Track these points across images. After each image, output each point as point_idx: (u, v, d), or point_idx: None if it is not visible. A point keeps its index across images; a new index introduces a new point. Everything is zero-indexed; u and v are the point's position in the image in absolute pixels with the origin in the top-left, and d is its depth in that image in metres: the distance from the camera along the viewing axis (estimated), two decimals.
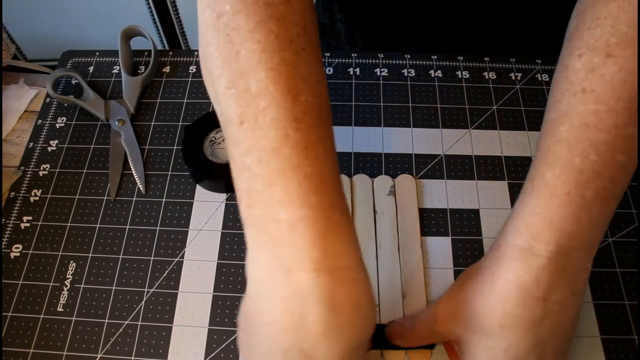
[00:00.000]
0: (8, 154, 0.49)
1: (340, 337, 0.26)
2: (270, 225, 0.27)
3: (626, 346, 0.38)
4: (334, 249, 0.26)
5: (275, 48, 0.27)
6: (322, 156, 0.27)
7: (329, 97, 0.30)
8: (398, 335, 0.37)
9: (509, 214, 0.31)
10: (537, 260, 0.28)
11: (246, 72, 0.28)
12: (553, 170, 0.29)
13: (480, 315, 0.30)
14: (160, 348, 0.39)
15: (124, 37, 0.52)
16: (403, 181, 0.45)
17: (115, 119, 0.49)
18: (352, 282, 0.27)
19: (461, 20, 0.58)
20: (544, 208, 0.28)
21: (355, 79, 0.52)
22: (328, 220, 0.26)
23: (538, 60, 0.53)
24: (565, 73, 0.31)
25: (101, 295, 0.41)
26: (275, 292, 0.27)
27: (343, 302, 0.26)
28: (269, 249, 0.27)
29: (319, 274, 0.26)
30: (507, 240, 0.30)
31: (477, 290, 0.30)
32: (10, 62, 0.63)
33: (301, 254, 0.26)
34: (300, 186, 0.26)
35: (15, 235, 0.44)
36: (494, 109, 0.50)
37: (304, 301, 0.26)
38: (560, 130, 0.29)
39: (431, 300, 0.40)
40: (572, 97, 0.29)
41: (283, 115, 0.27)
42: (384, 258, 0.42)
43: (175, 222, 0.44)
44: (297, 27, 0.29)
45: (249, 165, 0.27)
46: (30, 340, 0.39)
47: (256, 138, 0.27)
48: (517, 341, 0.29)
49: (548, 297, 0.28)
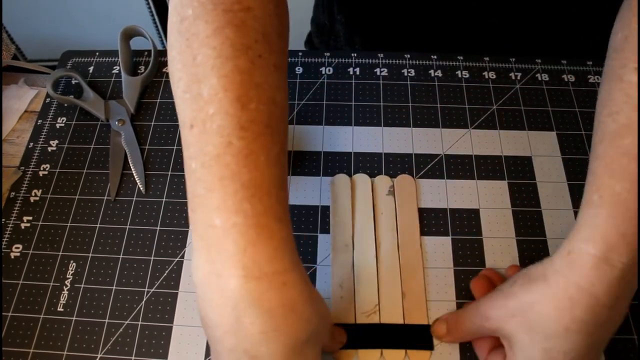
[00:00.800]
0: (8, 154, 0.49)
1: (278, 338, 0.28)
2: (207, 231, 0.28)
3: (626, 346, 0.38)
4: (263, 256, 0.27)
5: (229, 55, 0.28)
6: (263, 164, 0.28)
7: (286, 103, 0.31)
8: (444, 332, 0.38)
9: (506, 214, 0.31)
10: (612, 271, 0.29)
11: (200, 78, 0.28)
12: (622, 183, 0.30)
13: (548, 317, 0.31)
14: (160, 348, 0.39)
15: (123, 37, 0.52)
16: (402, 181, 0.45)
17: (115, 119, 0.49)
18: (282, 286, 0.27)
19: (460, 21, 0.58)
20: (619, 221, 0.30)
21: (355, 78, 0.52)
22: (260, 227, 0.27)
23: (538, 60, 0.53)
24: (620, 85, 0.31)
25: (101, 295, 0.41)
26: (212, 296, 0.28)
27: (275, 305, 0.27)
28: (206, 253, 0.28)
29: (247, 279, 0.27)
30: (580, 248, 0.31)
31: (547, 294, 0.31)
32: (10, 62, 0.63)
33: (232, 261, 0.27)
34: (236, 194, 0.27)
35: (16, 235, 0.44)
36: (493, 108, 0.50)
37: (237, 306, 0.27)
38: (624, 142, 0.30)
39: (430, 300, 0.40)
40: (633, 111, 0.30)
41: (229, 122, 0.27)
42: (384, 257, 0.42)
43: (175, 222, 0.44)
44: (256, 34, 0.29)
45: (194, 169, 0.28)
46: (30, 340, 0.39)
47: (202, 143, 0.28)
48: (578, 344, 0.30)
49: (614, 306, 0.30)
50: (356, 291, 0.40)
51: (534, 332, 0.31)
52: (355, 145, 0.48)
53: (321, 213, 0.44)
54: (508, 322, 0.33)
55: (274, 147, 0.29)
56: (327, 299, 0.40)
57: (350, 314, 0.39)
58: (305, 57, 0.53)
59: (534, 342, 0.32)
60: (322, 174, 0.46)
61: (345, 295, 0.40)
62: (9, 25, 1.20)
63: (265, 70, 0.29)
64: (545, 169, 0.46)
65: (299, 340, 0.28)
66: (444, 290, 0.41)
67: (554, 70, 0.52)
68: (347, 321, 0.39)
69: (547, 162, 0.47)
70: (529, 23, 0.57)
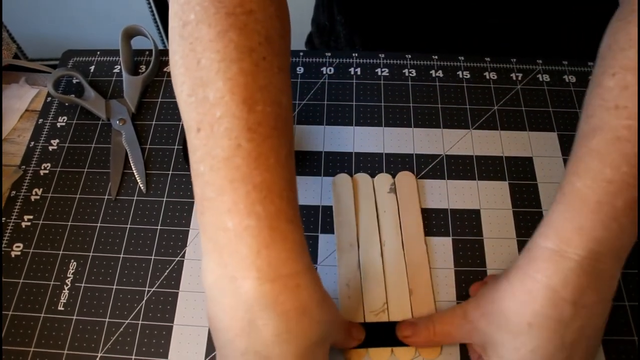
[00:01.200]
0: (9, 153, 0.49)
1: (291, 340, 0.28)
2: (218, 234, 0.28)
3: (626, 347, 0.38)
4: (277, 258, 0.27)
5: (234, 58, 0.28)
6: (273, 166, 0.28)
7: (290, 105, 0.31)
8: (410, 333, 0.37)
9: (507, 215, 0.32)
10: (567, 263, 0.29)
11: (205, 81, 0.28)
12: (584, 180, 0.30)
13: (510, 313, 0.31)
14: (160, 347, 0.39)
15: (124, 37, 0.52)
16: (403, 178, 0.45)
17: (116, 118, 0.49)
18: (295, 288, 0.27)
19: (461, 21, 0.58)
20: (574, 214, 0.30)
21: (356, 78, 0.52)
22: (273, 229, 0.27)
23: (539, 61, 0.53)
24: (598, 90, 0.32)
25: (102, 294, 0.41)
26: (223, 299, 0.28)
27: (288, 308, 0.27)
28: (217, 256, 0.28)
29: (262, 282, 0.27)
30: (537, 243, 0.31)
31: (508, 290, 0.32)
32: (12, 62, 0.63)
33: (246, 263, 0.27)
34: (247, 196, 0.27)
35: (16, 234, 0.44)
36: (494, 109, 0.50)
37: (250, 308, 0.27)
38: (592, 142, 0.31)
39: (438, 299, 0.40)
40: (605, 113, 0.31)
41: (237, 125, 0.27)
42: (389, 255, 0.42)
43: (176, 222, 0.44)
44: (259, 37, 0.29)
45: (203, 173, 0.28)
46: (30, 339, 0.39)
47: (210, 146, 0.28)
48: (545, 342, 0.30)
49: (576, 301, 0.29)
50: (364, 290, 0.40)
51: (502, 332, 0.32)
52: (356, 145, 0.48)
53: (322, 213, 0.44)
54: (480, 321, 0.33)
55: (283, 149, 0.29)
56: (335, 298, 0.40)
57: (359, 313, 0.39)
58: (307, 57, 0.53)
59: (504, 343, 0.32)
60: (323, 174, 0.46)
61: (353, 295, 0.40)
62: (10, 25, 1.20)
63: (269, 72, 0.29)
64: (546, 169, 0.46)
65: (311, 342, 0.29)
66: (445, 291, 0.41)
67: (555, 70, 0.52)
68: (356, 320, 0.39)
69: (548, 162, 0.47)
70: (529, 23, 0.57)
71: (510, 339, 0.31)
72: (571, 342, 0.30)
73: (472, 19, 0.57)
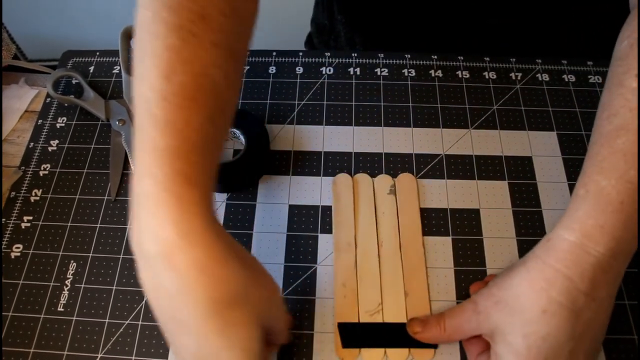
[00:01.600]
0: (8, 154, 0.49)
1: (191, 297, 0.28)
2: (132, 198, 0.30)
3: (626, 346, 0.38)
4: (169, 219, 0.28)
5: (160, 35, 0.31)
6: (181, 132, 0.30)
7: (227, 80, 0.33)
8: (420, 329, 0.38)
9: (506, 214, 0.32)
10: (587, 257, 0.31)
11: (140, 58, 0.31)
12: (609, 179, 0.31)
13: (525, 299, 0.32)
14: (160, 348, 0.39)
15: (124, 37, 0.52)
16: (403, 180, 0.45)
17: (115, 118, 0.49)
18: (188, 246, 0.28)
19: (461, 21, 0.58)
20: (599, 212, 0.31)
21: (356, 78, 0.52)
22: (168, 191, 0.28)
23: (538, 60, 0.53)
24: (620, 90, 0.33)
25: (102, 295, 0.41)
26: (139, 263, 0.30)
27: (183, 266, 0.28)
28: (135, 221, 0.30)
29: (156, 243, 0.28)
30: (558, 234, 0.32)
31: (525, 277, 0.33)
32: (11, 62, 0.63)
33: (144, 226, 0.29)
34: (147, 160, 0.29)
35: (16, 235, 0.44)
36: (494, 108, 0.50)
37: (154, 268, 0.28)
38: (617, 142, 0.32)
39: (432, 299, 0.40)
40: (629, 113, 0.32)
41: (153, 96, 0.30)
42: (386, 257, 0.42)
43: None
44: (191, 14, 0.31)
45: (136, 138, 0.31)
46: (30, 340, 0.39)
47: (137, 117, 0.31)
48: (556, 330, 0.31)
49: (590, 293, 0.31)
50: (359, 290, 0.40)
51: (514, 318, 0.32)
52: (355, 145, 0.48)
53: (322, 213, 0.44)
54: (493, 309, 0.34)
55: (199, 116, 0.30)
56: (331, 298, 0.40)
57: (354, 313, 0.40)
58: (306, 57, 0.53)
59: (514, 329, 0.32)
60: (322, 174, 0.46)
61: (349, 295, 0.40)
62: (10, 25, 1.20)
63: (197, 47, 0.31)
64: (545, 169, 0.46)
65: (215, 300, 0.28)
66: (444, 291, 0.41)
67: (554, 70, 0.52)
68: (351, 320, 0.39)
69: (547, 162, 0.47)
70: (529, 23, 0.57)
71: (521, 325, 0.32)
72: (580, 334, 0.31)
73: (472, 19, 0.57)
